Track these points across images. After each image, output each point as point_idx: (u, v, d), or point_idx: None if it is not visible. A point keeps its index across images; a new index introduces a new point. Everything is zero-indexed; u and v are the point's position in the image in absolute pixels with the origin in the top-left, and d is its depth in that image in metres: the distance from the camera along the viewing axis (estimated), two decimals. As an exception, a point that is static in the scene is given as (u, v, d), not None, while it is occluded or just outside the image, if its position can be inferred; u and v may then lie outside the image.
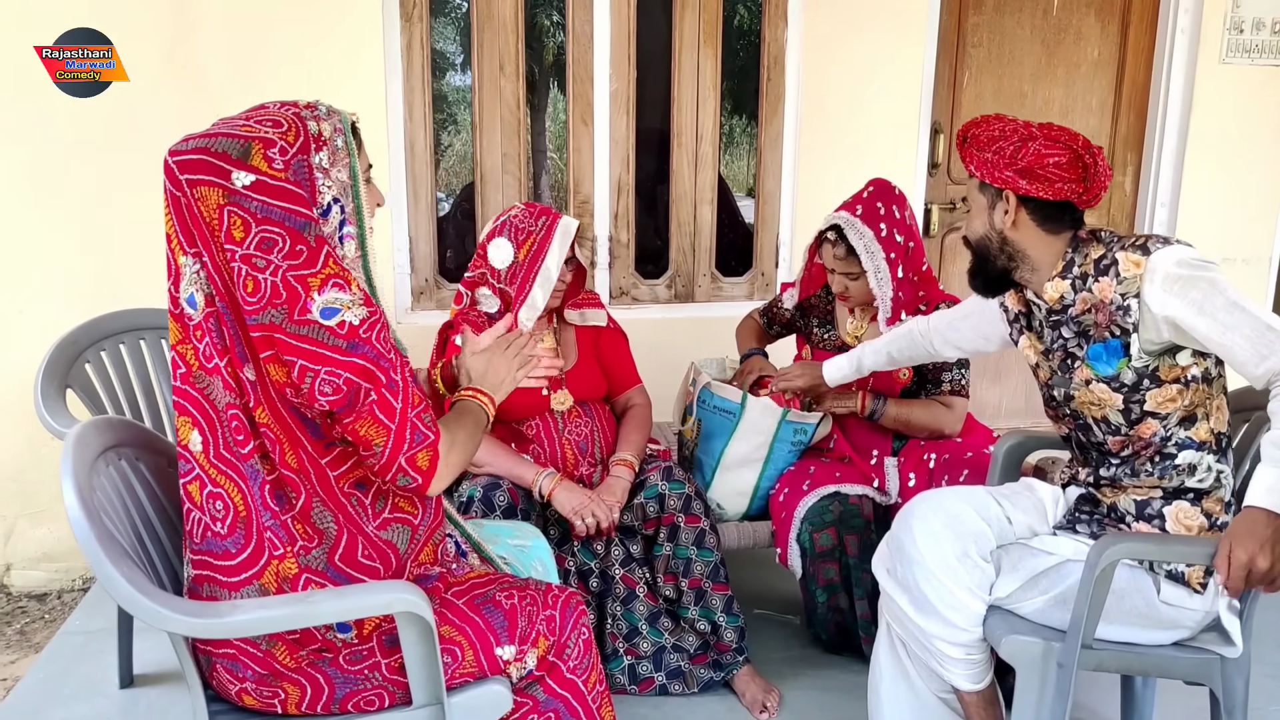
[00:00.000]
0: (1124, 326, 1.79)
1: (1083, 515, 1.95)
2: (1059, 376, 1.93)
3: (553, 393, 2.46)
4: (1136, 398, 1.81)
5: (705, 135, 3.39)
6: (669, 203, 3.44)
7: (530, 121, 3.35)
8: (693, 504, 2.40)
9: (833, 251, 2.47)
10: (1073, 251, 1.87)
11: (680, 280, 3.49)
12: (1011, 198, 1.85)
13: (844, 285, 2.51)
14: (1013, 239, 1.88)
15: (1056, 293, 1.89)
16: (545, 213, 2.37)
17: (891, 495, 2.53)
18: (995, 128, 1.85)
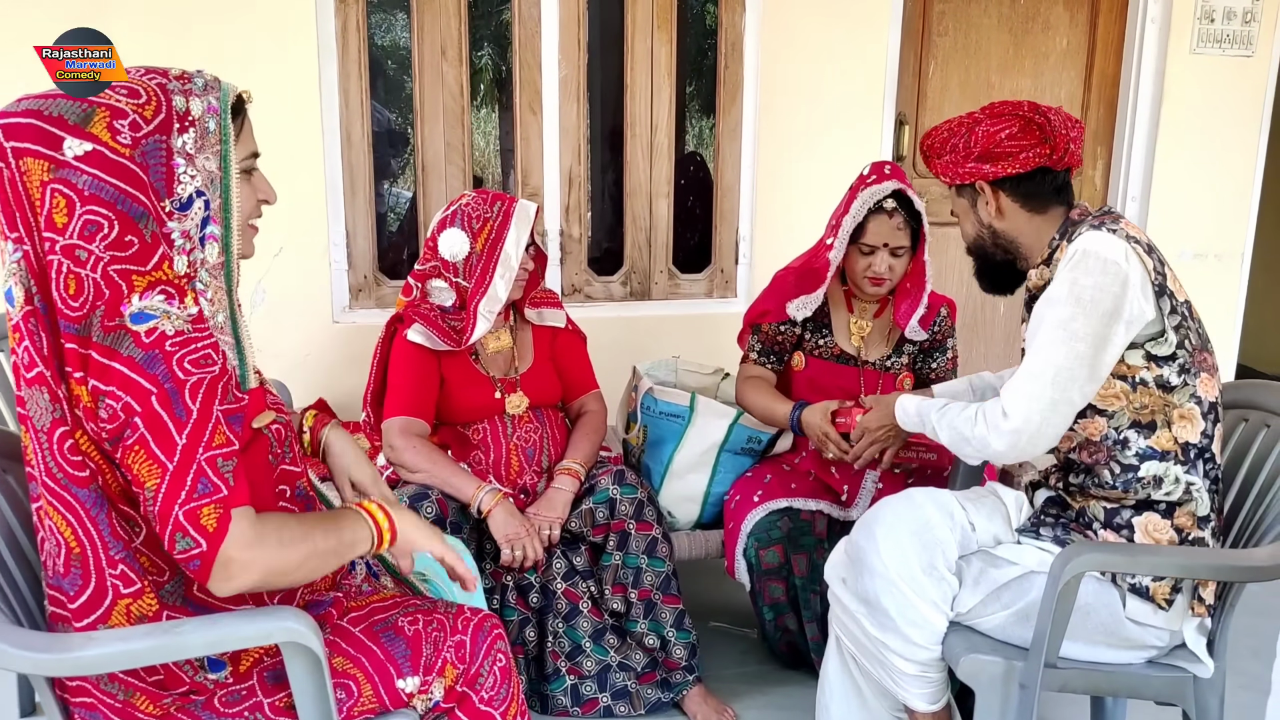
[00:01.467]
0: None
1: (1048, 518, 1.82)
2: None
3: (507, 395, 2.31)
4: None
5: (661, 125, 3.25)
6: (622, 196, 3.30)
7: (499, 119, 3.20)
8: (645, 510, 2.26)
9: (892, 223, 2.29)
10: (1060, 236, 1.78)
11: (636, 277, 3.34)
12: (985, 187, 1.79)
13: (887, 265, 2.31)
14: (1002, 229, 1.83)
15: (1041, 279, 1.79)
16: (500, 198, 2.23)
17: (855, 511, 2.39)
18: (943, 130, 1.83)
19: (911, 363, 2.47)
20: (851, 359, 2.46)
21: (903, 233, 2.30)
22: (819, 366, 2.47)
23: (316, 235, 2.93)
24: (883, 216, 2.29)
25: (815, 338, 2.48)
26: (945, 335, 2.45)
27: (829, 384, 2.45)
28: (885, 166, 2.35)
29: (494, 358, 2.34)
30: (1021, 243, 1.81)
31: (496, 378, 2.32)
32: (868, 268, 2.32)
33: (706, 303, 3.42)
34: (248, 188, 1.32)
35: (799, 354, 2.50)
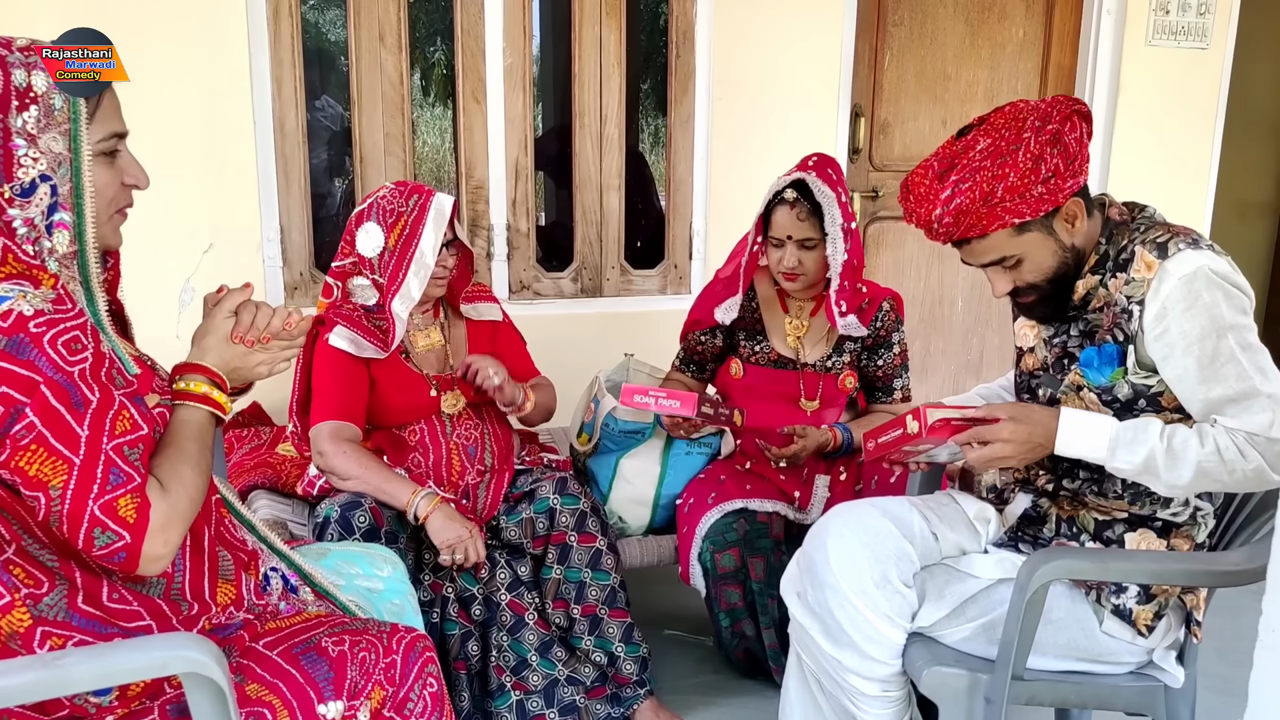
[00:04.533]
0: (1126, 332, 1.56)
1: (1026, 536, 1.73)
2: (1048, 375, 1.70)
3: (443, 393, 2.19)
4: (1129, 417, 1.57)
5: (611, 115, 3.14)
6: (571, 189, 3.19)
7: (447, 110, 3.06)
8: (587, 521, 2.15)
9: (793, 213, 2.22)
10: (1106, 241, 1.62)
11: (587, 273, 3.23)
12: (1075, 203, 1.56)
13: (796, 259, 2.23)
14: (1079, 244, 1.60)
15: (1085, 289, 1.63)
16: (417, 190, 2.10)
17: (812, 514, 2.30)
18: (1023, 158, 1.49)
19: (855, 360, 2.38)
20: (790, 362, 2.37)
21: (806, 224, 2.21)
22: (757, 373, 2.38)
23: (248, 230, 2.79)
24: (784, 207, 2.22)
25: (751, 344, 2.39)
26: (889, 330, 2.36)
27: (768, 390, 2.37)
28: (811, 158, 2.28)
29: (426, 355, 2.22)
30: (1084, 250, 1.62)
31: (430, 375, 2.20)
32: (779, 262, 2.26)
33: (660, 299, 3.32)
34: (108, 171, 1.20)
35: (736, 362, 2.41)
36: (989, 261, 1.60)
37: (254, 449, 2.52)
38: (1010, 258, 1.58)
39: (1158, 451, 1.49)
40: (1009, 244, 1.56)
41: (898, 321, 2.38)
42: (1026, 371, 1.77)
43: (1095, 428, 1.53)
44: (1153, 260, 1.53)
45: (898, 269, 3.74)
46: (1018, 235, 1.55)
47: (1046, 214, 1.54)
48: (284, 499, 2.30)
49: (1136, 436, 1.51)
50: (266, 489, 2.31)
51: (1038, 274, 1.59)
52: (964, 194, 1.51)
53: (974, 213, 1.52)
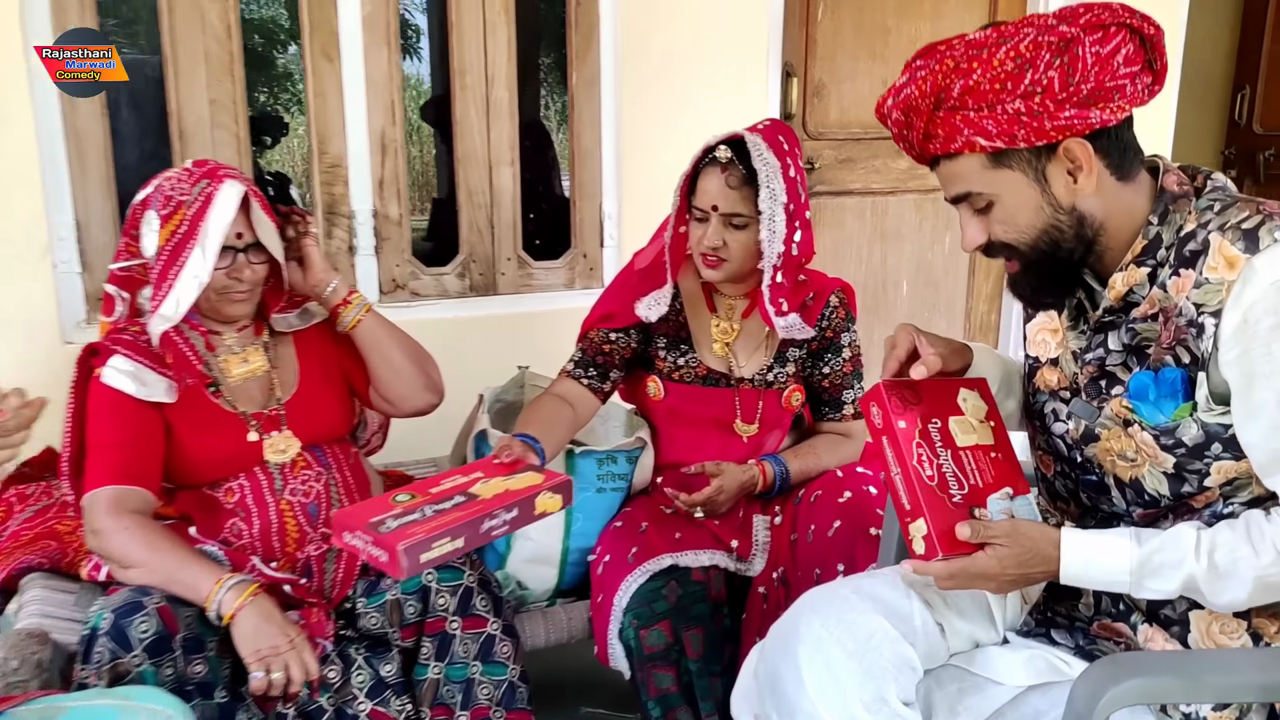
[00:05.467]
0: (1193, 353, 1.12)
1: (1059, 615, 1.27)
2: (1081, 401, 1.25)
3: (266, 436, 1.65)
4: (1196, 466, 1.15)
5: (499, 76, 2.60)
6: (452, 164, 2.65)
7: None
8: (474, 600, 1.63)
9: (722, 178, 1.73)
10: (1158, 220, 1.17)
11: (476, 267, 2.69)
12: (1080, 147, 1.13)
13: (720, 238, 1.75)
14: (1091, 210, 1.17)
15: (1126, 285, 1.20)
16: (211, 174, 1.56)
17: (755, 564, 1.83)
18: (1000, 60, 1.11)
19: (800, 370, 1.91)
20: (722, 377, 1.89)
21: (737, 194, 1.73)
22: (681, 393, 1.89)
23: (32, 227, 2.18)
24: (713, 170, 1.73)
25: (673, 357, 1.89)
26: (839, 330, 1.90)
27: (696, 413, 1.89)
28: (763, 122, 1.80)
29: (243, 388, 1.68)
30: (1109, 227, 1.19)
31: (248, 414, 1.66)
32: (699, 241, 1.77)
33: (568, 295, 2.80)
34: None
35: (654, 380, 1.91)
36: (955, 195, 1.22)
37: (39, 512, 1.92)
38: (978, 196, 1.19)
39: (1197, 575, 1.13)
40: (979, 177, 1.18)
41: (848, 319, 1.91)
42: (1047, 390, 1.32)
43: (1109, 554, 1.16)
44: (1236, 255, 1.09)
45: (837, 250, 3.29)
46: (992, 168, 1.17)
47: (1034, 150, 1.14)
48: (69, 584, 1.72)
49: (1166, 557, 1.14)
50: (45, 572, 1.73)
51: (1013, 231, 1.19)
52: (917, 84, 1.15)
53: (924, 113, 1.16)
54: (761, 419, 1.89)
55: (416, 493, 1.44)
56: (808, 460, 1.89)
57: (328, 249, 2.51)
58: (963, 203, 1.21)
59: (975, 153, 1.16)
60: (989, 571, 1.16)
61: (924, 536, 1.17)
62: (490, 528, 1.39)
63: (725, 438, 1.89)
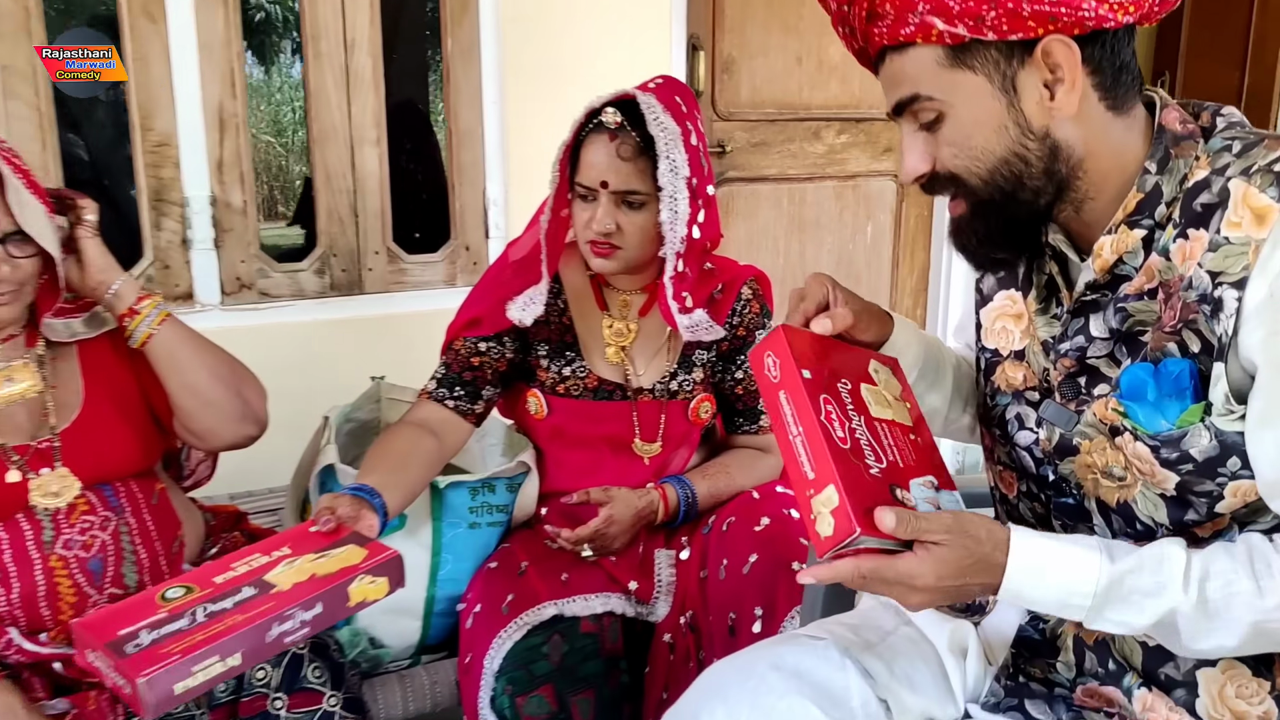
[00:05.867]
0: (1206, 338, 0.85)
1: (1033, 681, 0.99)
2: (1054, 404, 0.98)
3: (32, 474, 1.29)
4: (1207, 487, 0.89)
5: (360, 40, 2.26)
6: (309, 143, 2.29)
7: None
8: (305, 670, 1.29)
9: (612, 147, 1.43)
10: (1157, 168, 0.90)
11: (337, 262, 2.34)
12: (1065, 48, 0.87)
13: (612, 221, 1.45)
14: (1069, 139, 0.90)
15: (1115, 253, 0.92)
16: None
17: (659, 608, 1.52)
18: None
19: (709, 376, 1.62)
20: (617, 388, 1.58)
21: (630, 167, 1.42)
22: (569, 409, 1.58)
23: None
24: (600, 138, 1.43)
25: (558, 367, 1.58)
26: (753, 327, 1.61)
27: (587, 432, 1.58)
28: (655, 79, 1.51)
29: (5, 413, 1.32)
30: (1091, 169, 0.91)
31: (8, 447, 1.30)
32: (586, 224, 1.46)
33: (447, 293, 2.46)
34: None
35: (535, 395, 1.60)
36: (900, 100, 0.94)
37: None
38: (927, 104, 0.92)
39: (1180, 610, 0.86)
40: (932, 76, 0.91)
41: (763, 314, 1.63)
42: (1010, 391, 1.04)
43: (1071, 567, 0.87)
44: (1268, 205, 0.82)
45: (750, 242, 3.02)
46: (949, 67, 0.90)
47: (1004, 46, 0.88)
48: None
49: (1142, 584, 0.86)
50: None
51: (965, 156, 0.92)
52: None
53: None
54: (665, 436, 1.59)
55: (196, 584, 1.10)
56: (718, 481, 1.59)
57: (156, 242, 2.14)
58: (906, 112, 0.93)
59: (930, 44, 0.89)
60: (919, 579, 0.85)
61: (834, 510, 0.84)
62: (282, 633, 1.04)
63: (623, 460, 1.59)
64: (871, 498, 0.86)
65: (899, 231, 3.25)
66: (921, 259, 3.30)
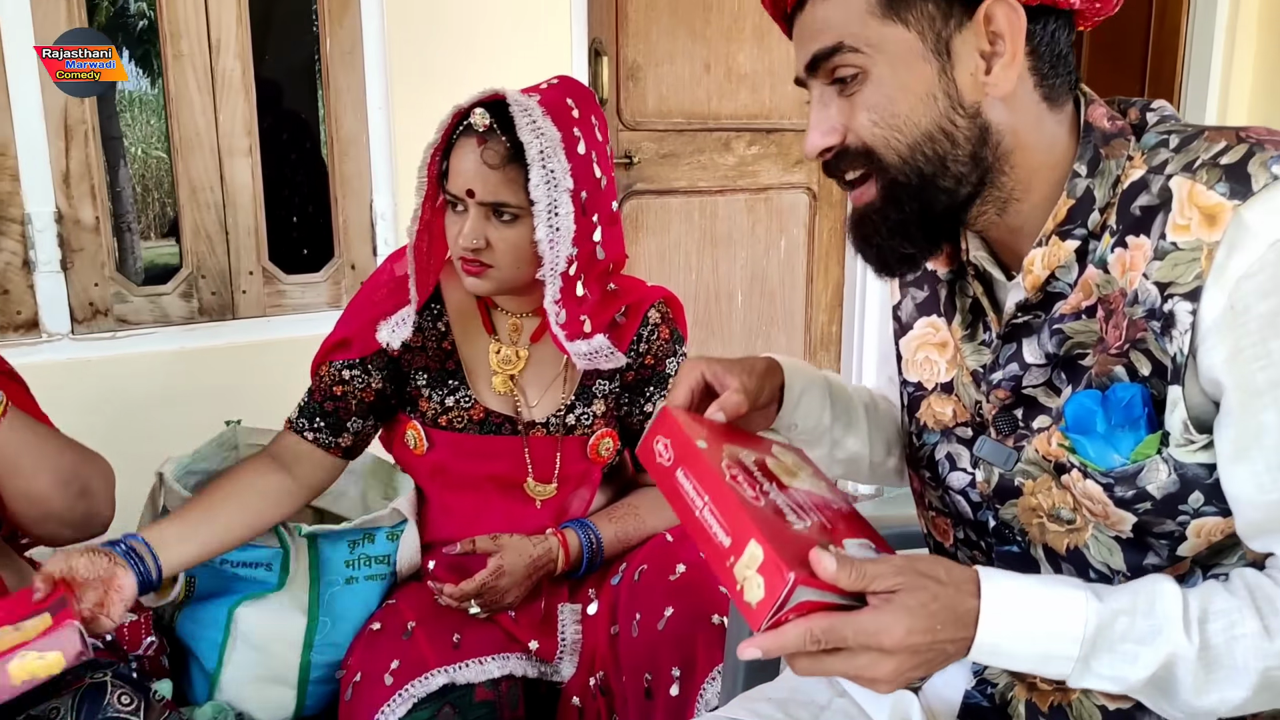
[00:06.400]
0: (1158, 359, 0.75)
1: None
2: (990, 441, 0.86)
3: None
4: (1168, 527, 0.78)
5: (227, 40, 2.05)
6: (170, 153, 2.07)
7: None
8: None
9: (480, 152, 1.25)
10: (1087, 170, 0.80)
11: (206, 284, 2.12)
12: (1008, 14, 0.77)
13: (480, 235, 1.27)
14: (999, 124, 0.80)
15: (1047, 267, 0.81)
16: None
17: (564, 668, 1.36)
18: None
19: (613, 409, 1.46)
20: (506, 421, 1.41)
21: (498, 175, 1.26)
22: (451, 445, 1.40)
23: None
24: (468, 143, 1.27)
25: (440, 396, 1.40)
26: (662, 355, 1.45)
27: (472, 471, 1.41)
28: (550, 80, 1.36)
29: None
30: (1018, 164, 0.81)
31: None
32: (455, 238, 1.29)
33: (331, 316, 2.22)
34: None
35: (414, 427, 1.43)
36: (817, 53, 0.80)
37: None
38: (849, 57, 0.79)
39: (1182, 659, 0.73)
40: (860, 26, 0.79)
41: (675, 340, 1.47)
42: (939, 428, 0.92)
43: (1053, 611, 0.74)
44: (1217, 203, 0.72)
45: (663, 258, 2.89)
46: (879, 17, 0.79)
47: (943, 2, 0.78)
48: None
49: (1136, 628, 0.73)
50: None
51: (885, 123, 0.80)
52: None
53: None
54: (561, 476, 1.42)
55: None
56: (626, 524, 1.44)
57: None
58: (820, 69, 0.81)
59: None
60: (886, 636, 0.70)
61: (760, 568, 0.68)
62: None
63: (513, 502, 1.42)
64: (801, 550, 0.71)
65: (813, 246, 3.16)
66: (836, 274, 3.22)
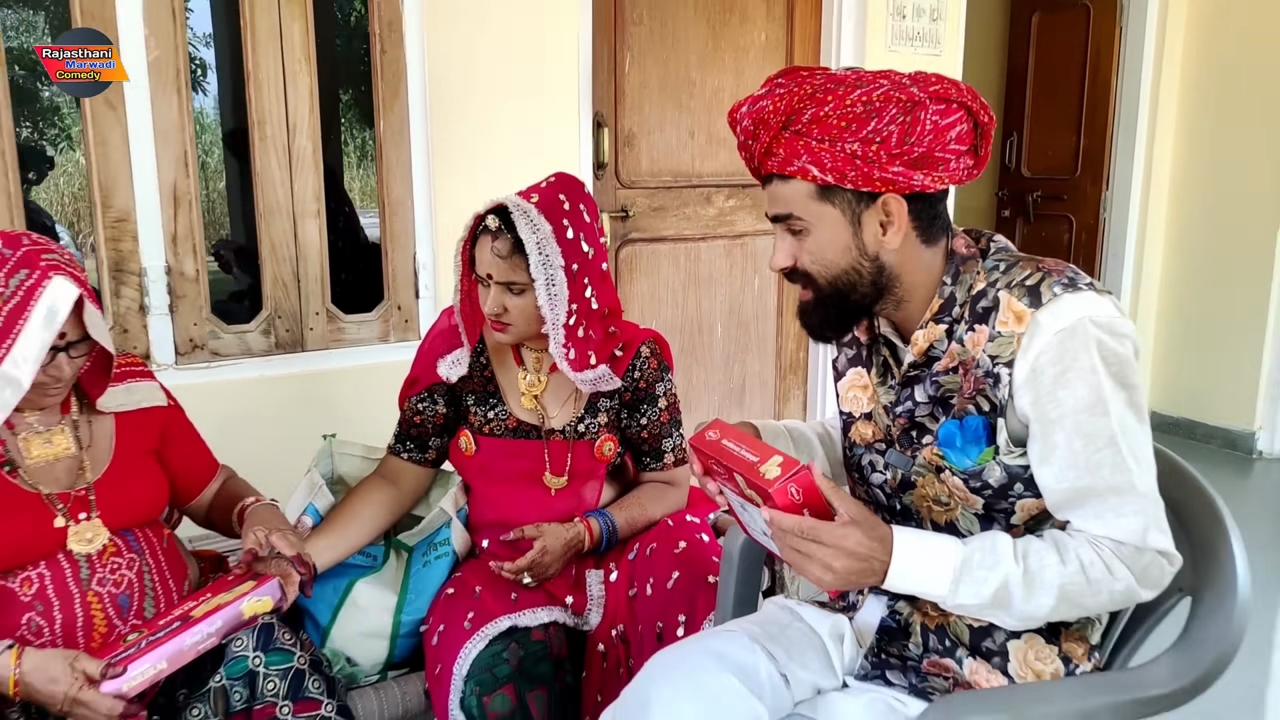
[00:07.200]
0: (992, 401, 1.19)
1: (891, 657, 1.31)
2: (895, 452, 1.30)
3: (73, 522, 1.50)
4: (1003, 505, 1.22)
5: (301, 125, 2.50)
6: (254, 217, 2.51)
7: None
8: (307, 683, 1.53)
9: (492, 246, 1.70)
10: (951, 281, 1.25)
11: (282, 323, 2.56)
12: (897, 204, 1.20)
13: (500, 305, 1.73)
14: (891, 263, 1.25)
15: (927, 341, 1.26)
16: (29, 262, 1.41)
17: (591, 619, 1.80)
18: (852, 101, 1.17)
19: (614, 420, 1.92)
20: (532, 429, 1.87)
21: (507, 263, 1.71)
22: (493, 447, 1.87)
23: None
24: (485, 239, 1.73)
25: (483, 410, 1.87)
26: (652, 380, 1.91)
27: (507, 468, 1.87)
28: (547, 179, 1.80)
29: (46, 469, 1.53)
30: (905, 282, 1.27)
31: (53, 495, 1.51)
32: (483, 304, 1.77)
33: (382, 349, 2.70)
34: None
35: (466, 435, 1.88)
36: (777, 214, 1.28)
37: None
38: (797, 221, 1.25)
39: (1013, 579, 1.16)
40: (804, 204, 1.24)
41: (662, 369, 1.93)
42: (863, 444, 1.37)
43: (936, 553, 1.17)
44: (1023, 310, 1.18)
45: (654, 296, 3.34)
46: (817, 199, 1.23)
47: (857, 193, 1.21)
48: None
49: (985, 558, 1.17)
50: None
51: (818, 263, 1.26)
52: (773, 100, 1.21)
53: (772, 129, 1.21)
54: (571, 471, 1.87)
55: (148, 627, 1.48)
56: (633, 511, 1.89)
57: (115, 309, 2.33)
58: (782, 223, 1.26)
59: (806, 180, 1.21)
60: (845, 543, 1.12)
61: (780, 464, 1.13)
62: (195, 643, 1.47)
63: (534, 491, 1.87)
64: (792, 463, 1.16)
65: (782, 284, 3.62)
66: (802, 308, 3.67)
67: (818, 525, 1.14)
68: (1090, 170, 4.81)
